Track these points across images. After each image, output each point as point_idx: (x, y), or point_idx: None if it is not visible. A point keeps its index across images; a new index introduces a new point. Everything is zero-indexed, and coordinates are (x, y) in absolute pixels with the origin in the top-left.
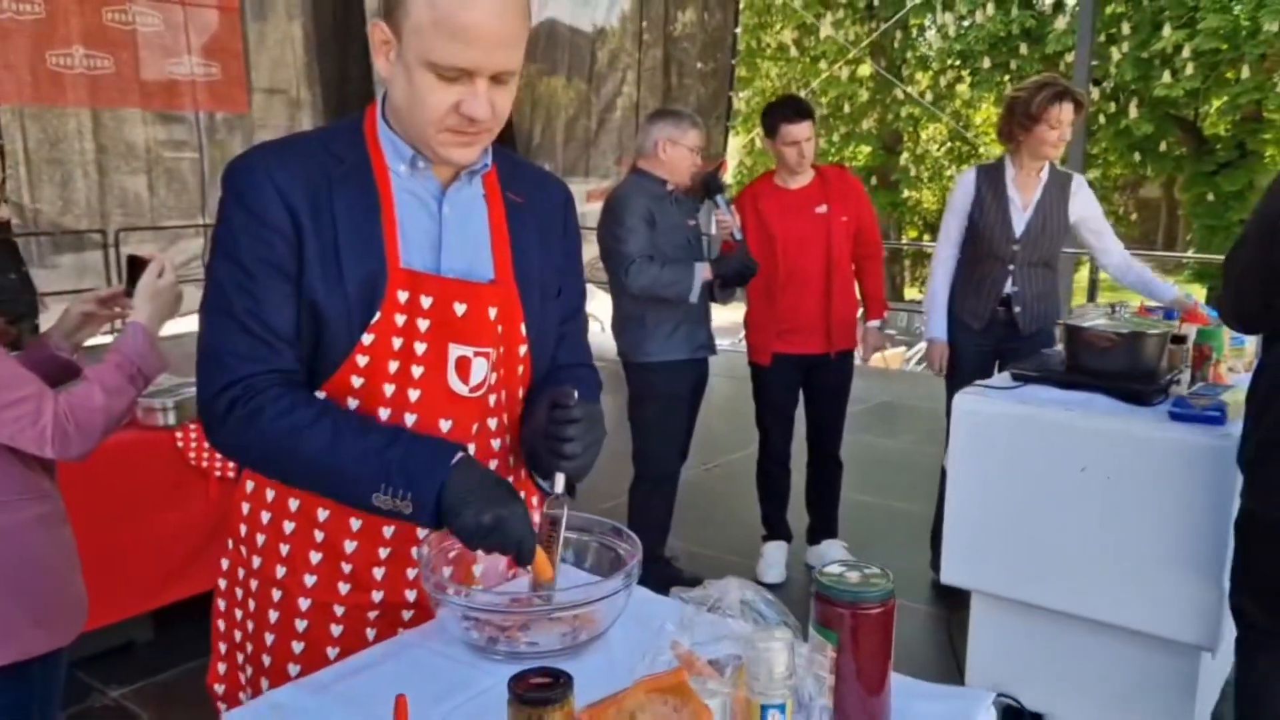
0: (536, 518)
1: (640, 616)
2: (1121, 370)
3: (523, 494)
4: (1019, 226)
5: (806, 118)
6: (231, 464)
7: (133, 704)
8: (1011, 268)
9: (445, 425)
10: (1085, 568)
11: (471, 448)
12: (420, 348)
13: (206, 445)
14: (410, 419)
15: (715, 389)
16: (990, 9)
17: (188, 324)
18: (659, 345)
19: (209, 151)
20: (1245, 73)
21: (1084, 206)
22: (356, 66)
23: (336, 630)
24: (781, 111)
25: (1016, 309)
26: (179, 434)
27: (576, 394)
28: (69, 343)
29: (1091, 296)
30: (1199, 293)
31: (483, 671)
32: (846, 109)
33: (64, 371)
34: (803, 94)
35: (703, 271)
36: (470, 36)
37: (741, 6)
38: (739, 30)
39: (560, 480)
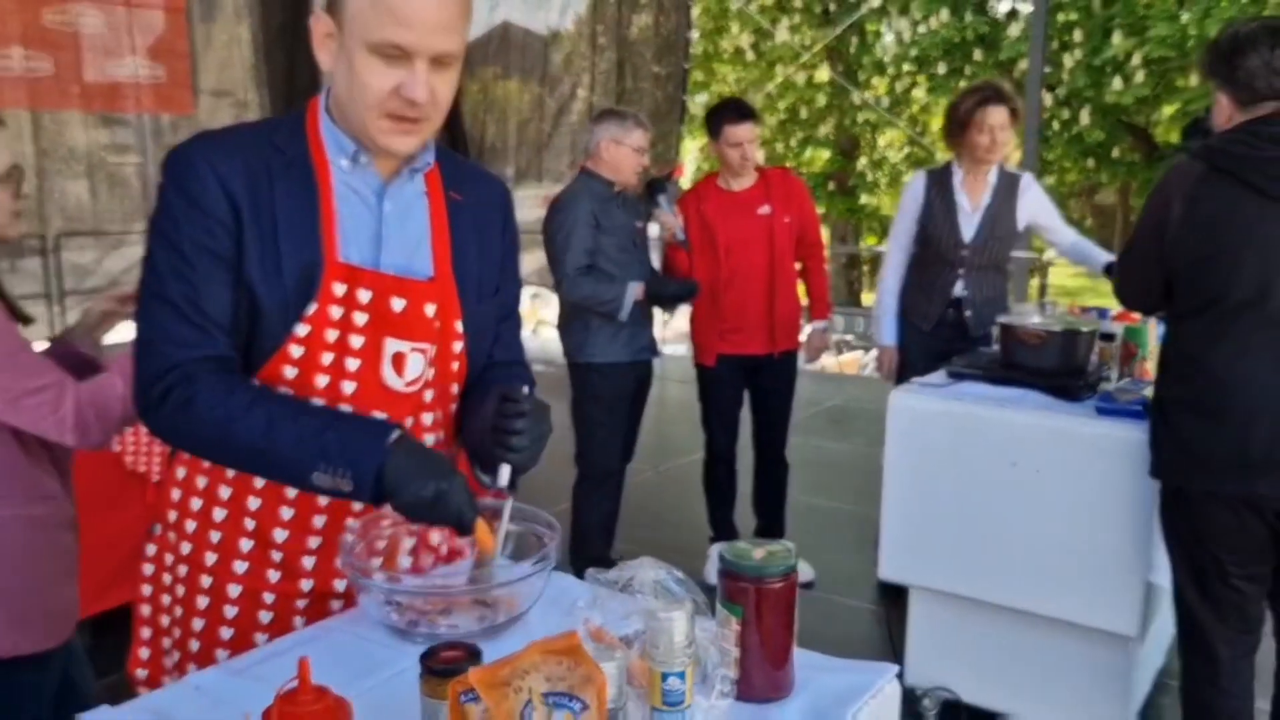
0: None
1: (559, 599)
2: (1052, 367)
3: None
4: (968, 231)
5: (749, 119)
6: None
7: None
8: (961, 271)
9: (380, 418)
10: (1017, 560)
11: None
12: (356, 341)
13: (144, 449)
14: (344, 410)
15: (668, 392)
16: (945, 15)
17: (129, 332)
18: (602, 347)
19: (154, 155)
20: (1195, 80)
21: (1033, 205)
22: (305, 69)
23: (265, 617)
24: (725, 113)
25: (966, 312)
26: (116, 439)
27: (526, 389)
28: (90, 339)
29: (1042, 294)
30: None
31: (402, 653)
32: (804, 114)
33: (86, 367)
34: (759, 98)
35: (636, 291)
36: (406, 16)
37: (697, 11)
38: (693, 34)
39: (505, 472)
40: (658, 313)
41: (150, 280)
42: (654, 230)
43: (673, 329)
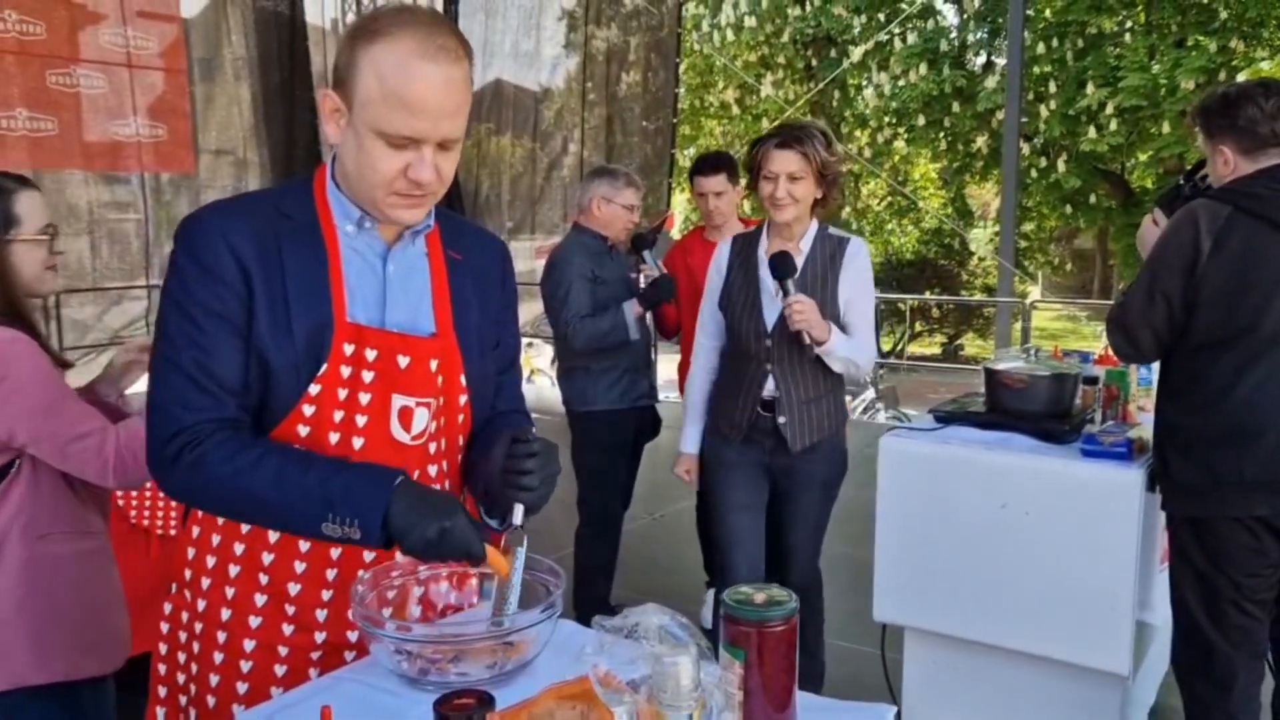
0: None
1: (565, 646)
2: (1037, 410)
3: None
4: (770, 315)
5: (719, 171)
6: (174, 523)
7: None
8: (769, 366)
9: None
10: (1009, 601)
11: None
12: (365, 398)
13: (148, 503)
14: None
15: (661, 438)
16: (923, 69)
17: (131, 386)
18: (601, 394)
19: (154, 213)
20: (1166, 128)
21: (852, 285)
22: (303, 129)
23: (280, 670)
24: (696, 166)
25: (780, 418)
26: (120, 493)
27: (534, 430)
28: (114, 388)
29: (1025, 343)
30: None
31: (413, 702)
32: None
33: (111, 416)
34: (745, 152)
35: (633, 308)
36: (418, 109)
37: (684, 68)
38: (680, 90)
39: (518, 512)
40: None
41: (163, 345)
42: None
43: (663, 376)
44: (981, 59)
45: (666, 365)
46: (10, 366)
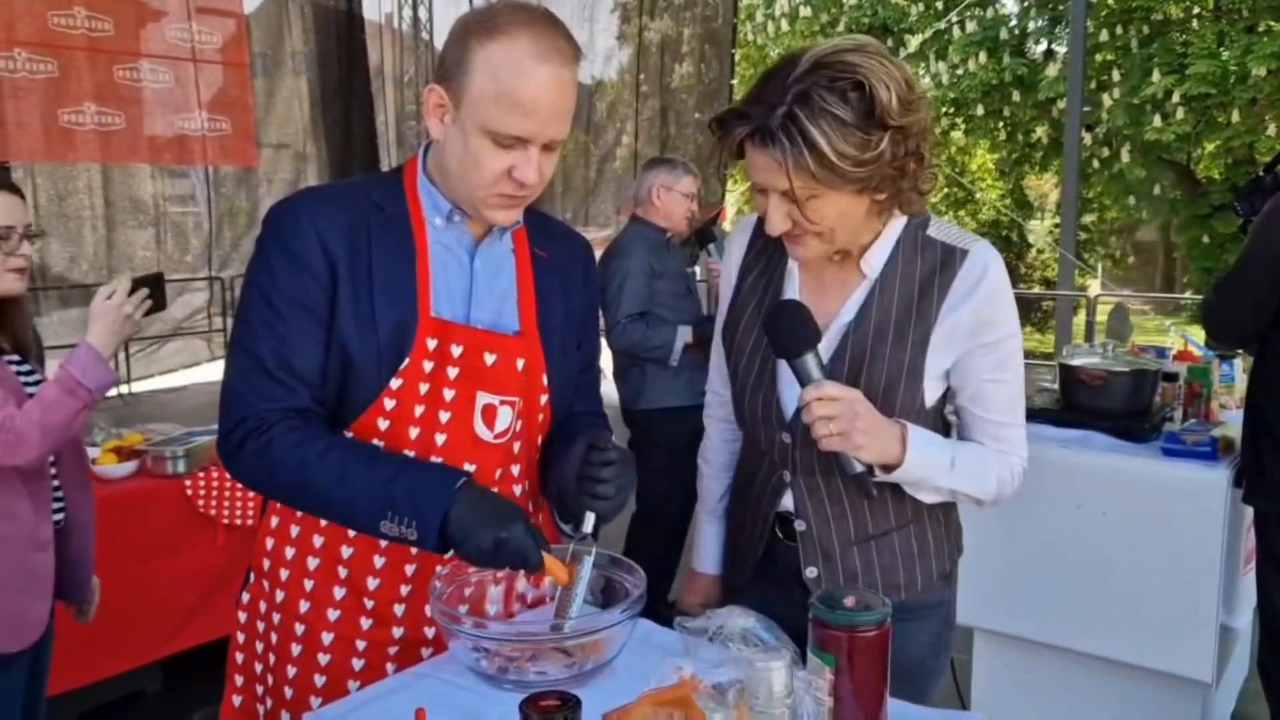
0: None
1: (644, 647)
2: (1115, 408)
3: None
4: (793, 390)
5: None
6: (239, 512)
7: None
8: (787, 475)
9: (470, 469)
10: (1085, 604)
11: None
12: (448, 394)
13: (215, 493)
14: (435, 462)
15: None
16: (982, 58)
17: (190, 376)
18: (660, 392)
19: (216, 206)
20: (1235, 117)
21: (968, 335)
22: (360, 123)
23: (358, 664)
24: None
25: (808, 570)
26: (188, 481)
27: (612, 437)
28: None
29: (1089, 338)
30: (1198, 335)
31: (492, 700)
32: None
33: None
34: None
35: (686, 335)
36: (530, 109)
37: (738, 58)
38: (735, 81)
39: (590, 520)
40: None
41: (240, 332)
42: (704, 276)
43: None
44: (1042, 47)
45: None
46: None
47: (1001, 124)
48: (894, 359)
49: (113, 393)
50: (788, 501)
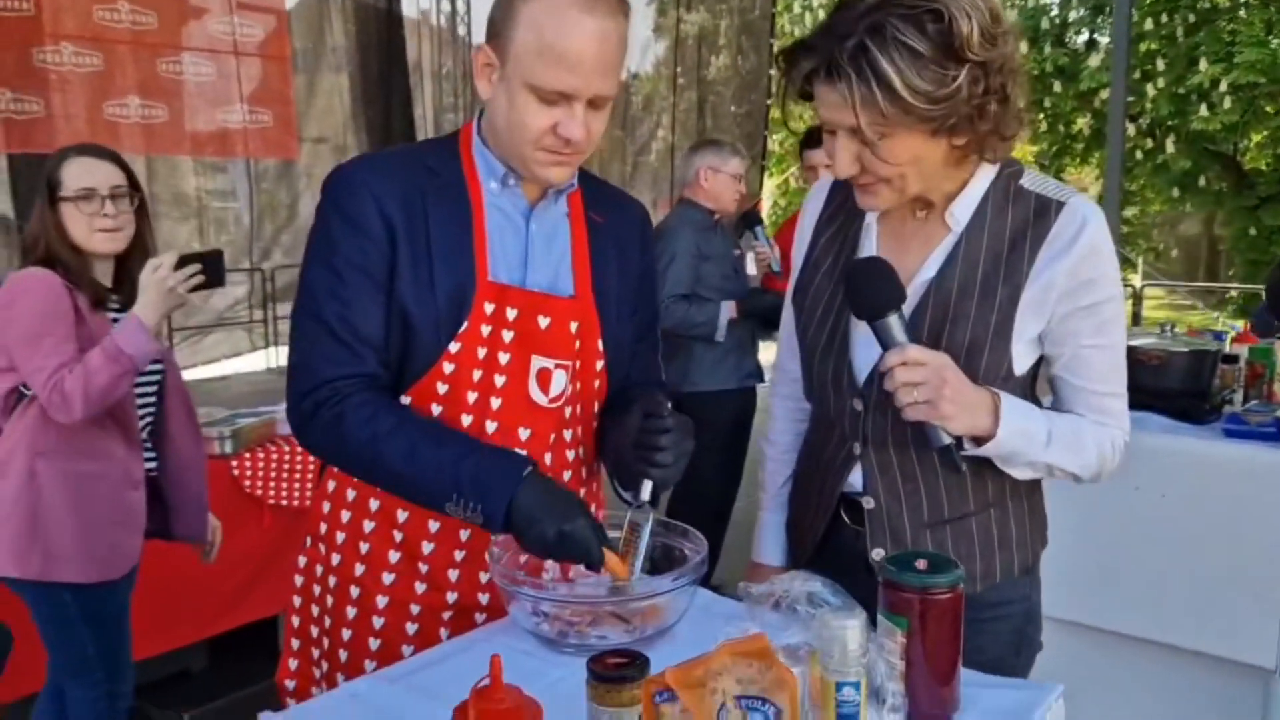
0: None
1: (706, 615)
2: (1174, 388)
3: (592, 506)
4: (867, 352)
5: None
6: (286, 493)
7: None
8: (857, 447)
9: (524, 434)
10: (1140, 587)
11: (549, 457)
12: (504, 358)
13: (262, 473)
14: (491, 426)
15: (758, 422)
16: (1023, 48)
17: (233, 366)
18: (707, 374)
19: (257, 200)
20: None
21: (1063, 295)
22: (399, 117)
23: (412, 629)
24: (806, 138)
25: (874, 551)
26: (234, 462)
27: (669, 404)
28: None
29: (1135, 324)
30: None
31: (553, 664)
32: None
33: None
34: None
35: (729, 310)
36: (573, 63)
37: (775, 49)
38: (773, 72)
39: (647, 488)
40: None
41: (304, 299)
42: (749, 260)
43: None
44: (1084, 37)
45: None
46: (18, 298)
47: (1042, 115)
48: (979, 319)
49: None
50: (856, 478)
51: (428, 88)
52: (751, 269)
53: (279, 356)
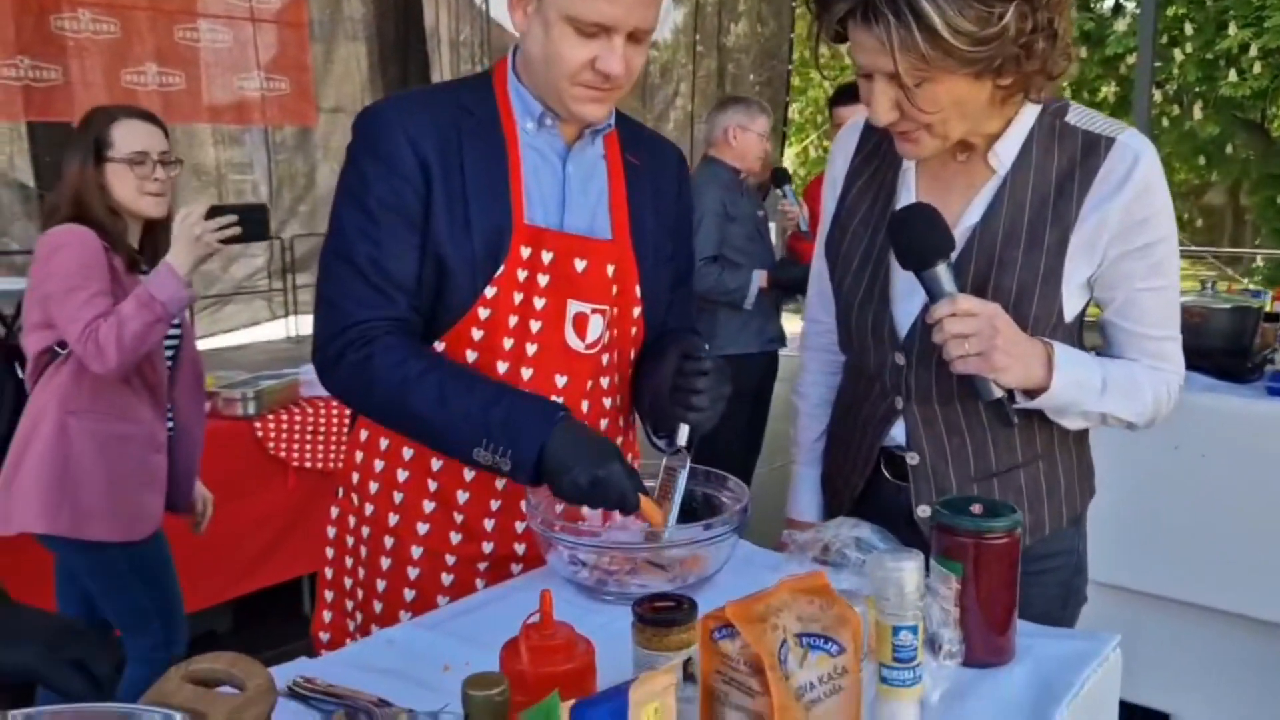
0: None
1: (747, 565)
2: (1215, 346)
3: (629, 456)
4: (908, 304)
5: (859, 100)
6: (310, 455)
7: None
8: (899, 402)
9: (561, 381)
10: (1180, 548)
11: (585, 404)
12: (540, 303)
13: (285, 435)
14: (527, 373)
15: (778, 391)
16: None
17: (251, 335)
18: (731, 338)
19: (275, 170)
20: None
21: (1114, 238)
22: (416, 84)
23: (447, 579)
24: (836, 96)
25: (920, 508)
26: (258, 424)
27: (706, 346)
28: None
29: None
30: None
31: (592, 611)
32: None
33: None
34: None
35: (760, 279)
36: None
37: (797, 14)
38: (793, 36)
39: (683, 432)
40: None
41: (334, 240)
42: (776, 218)
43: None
44: (1109, 2)
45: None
46: (55, 253)
47: (1066, 81)
48: (1027, 265)
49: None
50: (898, 432)
51: (445, 55)
52: (772, 226)
53: (298, 325)
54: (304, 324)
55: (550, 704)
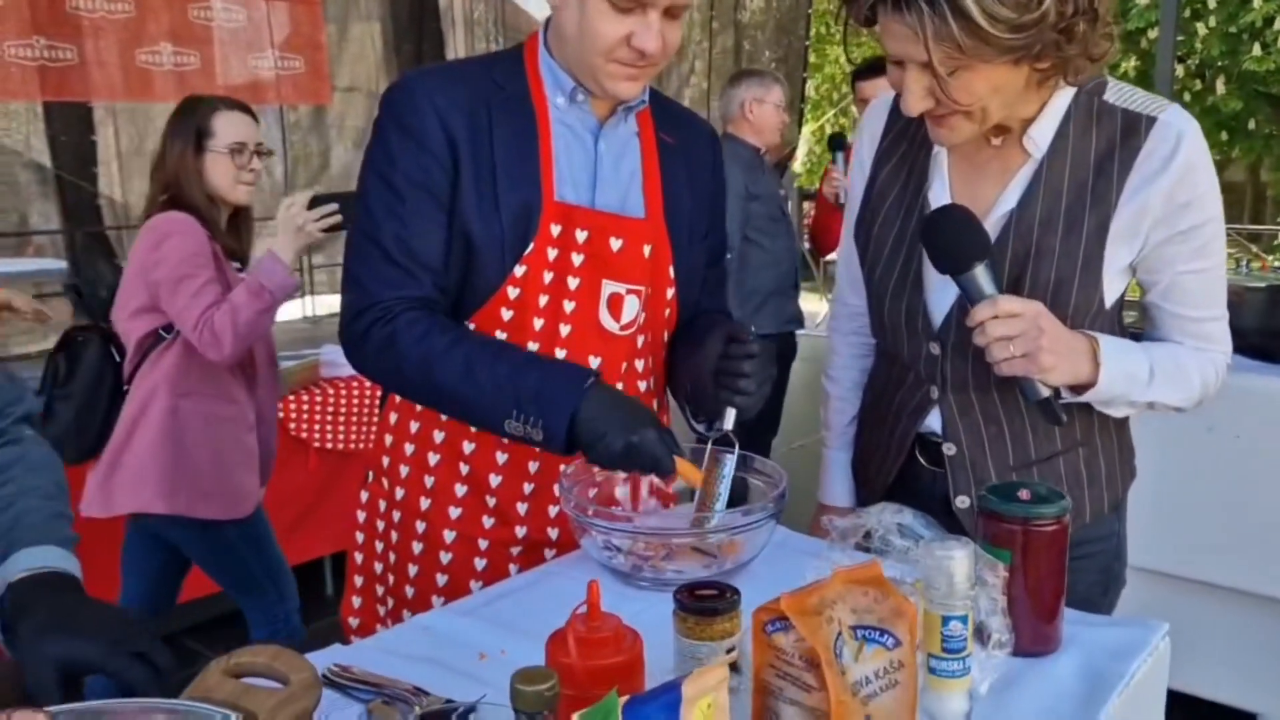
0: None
1: (784, 551)
2: (1249, 326)
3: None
4: (943, 294)
5: (883, 74)
6: (331, 436)
7: None
8: (934, 391)
9: (594, 362)
10: (1214, 531)
11: (620, 386)
12: (573, 282)
13: (306, 416)
14: (560, 355)
15: (797, 371)
16: None
17: (282, 312)
18: (747, 318)
19: (290, 150)
20: None
21: (1160, 219)
22: (431, 62)
23: (480, 564)
24: (858, 71)
25: (958, 499)
26: (279, 405)
27: (753, 328)
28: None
29: None
30: None
31: (628, 598)
32: None
33: None
34: None
35: None
36: None
37: None
38: (810, 11)
39: (730, 416)
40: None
41: (361, 218)
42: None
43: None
44: None
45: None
46: (165, 239)
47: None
48: (1065, 253)
49: None
50: (933, 421)
51: (460, 34)
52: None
53: (314, 306)
54: (320, 304)
55: (609, 704)
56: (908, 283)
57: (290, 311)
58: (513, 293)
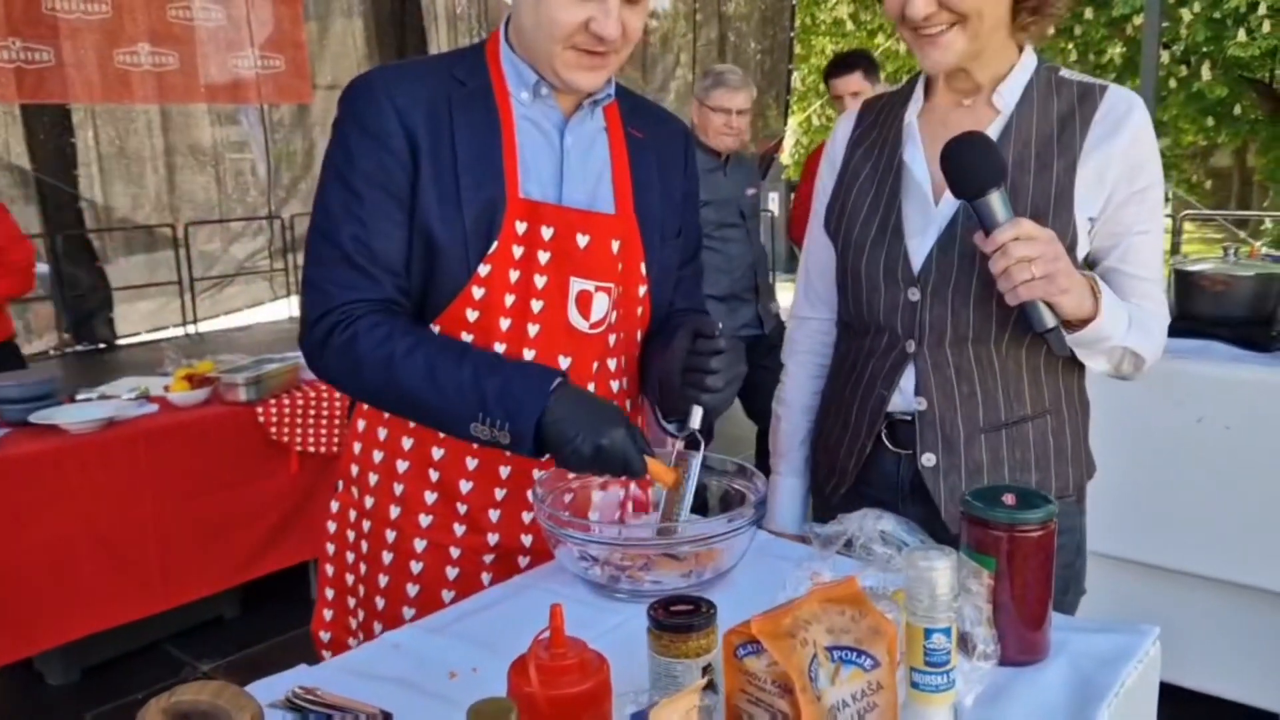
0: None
1: (765, 558)
2: (1237, 315)
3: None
4: (923, 238)
5: (854, 69)
6: (313, 439)
7: (223, 678)
8: (910, 345)
9: (564, 362)
10: (1203, 523)
11: (592, 387)
12: (540, 281)
13: (288, 420)
14: (528, 355)
15: (754, 377)
16: None
17: (254, 316)
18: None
19: (272, 149)
20: None
21: (1116, 184)
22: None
23: (452, 573)
24: (829, 69)
25: (925, 457)
26: (259, 409)
27: (720, 325)
28: None
29: (1174, 251)
30: None
31: (607, 611)
32: (905, 81)
33: None
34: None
35: None
36: None
37: None
38: (795, 2)
39: (697, 415)
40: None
41: (319, 219)
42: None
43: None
44: None
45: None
46: None
47: (1072, 44)
48: (1039, 189)
49: (179, 332)
50: (907, 381)
51: (442, 30)
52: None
53: (298, 308)
54: None
55: None
56: (887, 232)
57: (275, 312)
58: (478, 293)
